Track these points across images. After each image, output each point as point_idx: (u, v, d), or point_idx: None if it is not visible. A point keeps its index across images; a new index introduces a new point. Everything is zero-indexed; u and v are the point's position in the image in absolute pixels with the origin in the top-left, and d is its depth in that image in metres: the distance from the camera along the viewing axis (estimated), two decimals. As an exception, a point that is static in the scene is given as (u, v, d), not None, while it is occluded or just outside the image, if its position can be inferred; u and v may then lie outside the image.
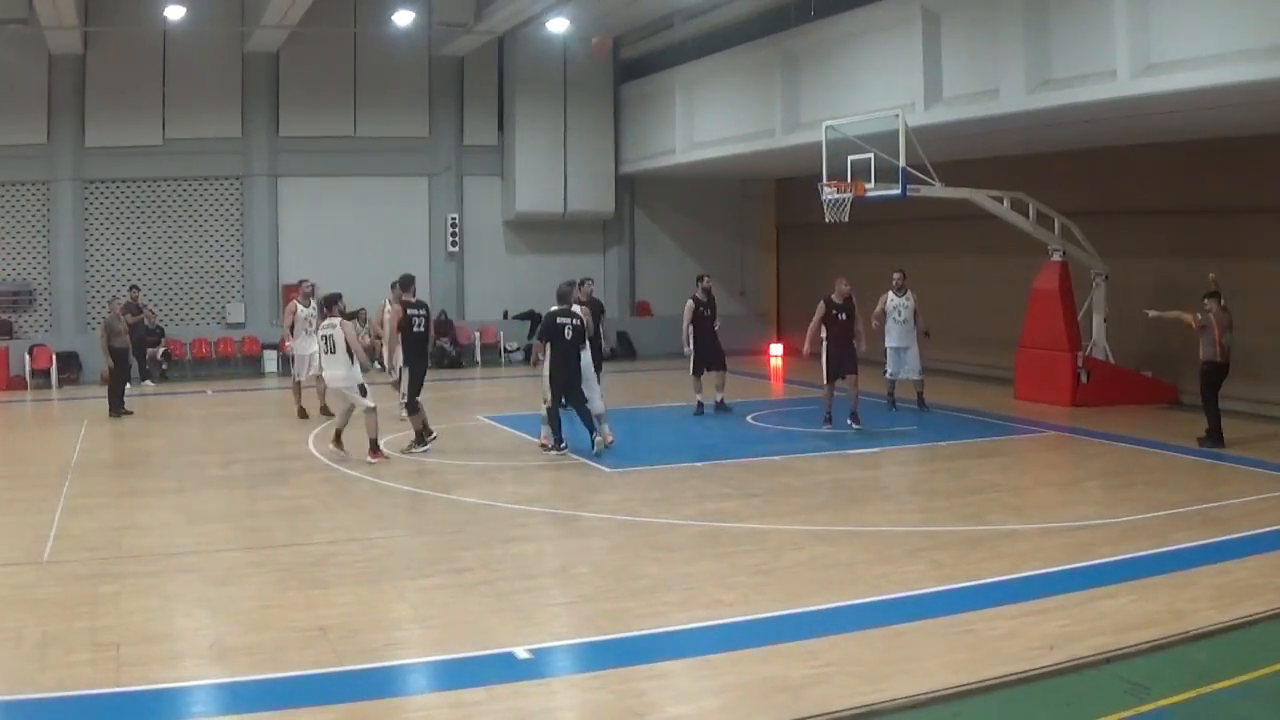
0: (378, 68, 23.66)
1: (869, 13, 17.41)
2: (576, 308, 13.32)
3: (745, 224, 27.40)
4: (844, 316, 14.71)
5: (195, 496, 11.19)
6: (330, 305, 13.04)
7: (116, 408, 16.80)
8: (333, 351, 12.70)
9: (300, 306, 16.53)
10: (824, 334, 14.74)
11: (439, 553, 8.97)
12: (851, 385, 14.75)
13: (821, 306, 14.73)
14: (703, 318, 16.05)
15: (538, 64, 24.36)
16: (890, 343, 16.32)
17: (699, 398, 16.18)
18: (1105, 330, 16.88)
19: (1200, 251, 16.56)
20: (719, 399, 16.32)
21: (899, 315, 16.20)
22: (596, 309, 14.92)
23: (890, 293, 16.33)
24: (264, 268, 23.31)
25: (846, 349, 14.70)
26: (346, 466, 12.46)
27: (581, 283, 14.50)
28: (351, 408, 12.82)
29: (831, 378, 14.75)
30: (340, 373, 12.73)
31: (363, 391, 12.67)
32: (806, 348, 14.88)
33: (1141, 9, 12.77)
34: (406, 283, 13.80)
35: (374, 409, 12.62)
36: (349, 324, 12.88)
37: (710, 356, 16.09)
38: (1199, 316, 13.62)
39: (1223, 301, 13.42)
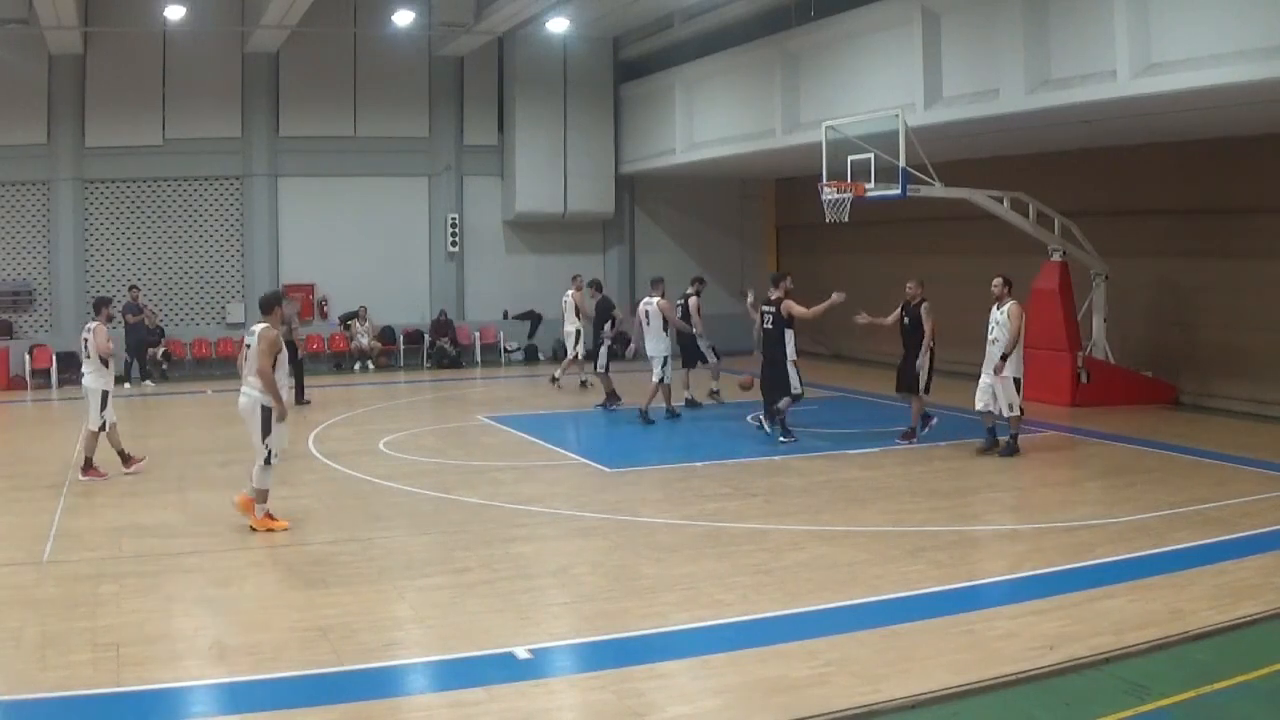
0: (378, 68, 23.67)
1: (869, 13, 17.40)
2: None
3: (745, 224, 27.38)
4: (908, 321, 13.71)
5: (195, 496, 11.20)
6: (98, 308, 12.54)
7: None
8: (89, 356, 12.11)
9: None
10: (933, 342, 13.63)
11: (439, 553, 8.98)
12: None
13: (931, 317, 13.60)
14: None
15: (538, 64, 24.37)
16: None
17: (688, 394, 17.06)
18: (1105, 330, 16.89)
19: (1200, 251, 16.57)
20: (689, 397, 17.01)
21: None
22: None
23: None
24: (264, 268, 23.30)
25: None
26: (345, 466, 12.48)
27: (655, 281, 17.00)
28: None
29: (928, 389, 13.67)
30: (89, 381, 12.14)
31: (104, 402, 12.00)
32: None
33: (1141, 9, 12.76)
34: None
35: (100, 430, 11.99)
36: (101, 328, 12.19)
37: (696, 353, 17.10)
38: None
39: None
